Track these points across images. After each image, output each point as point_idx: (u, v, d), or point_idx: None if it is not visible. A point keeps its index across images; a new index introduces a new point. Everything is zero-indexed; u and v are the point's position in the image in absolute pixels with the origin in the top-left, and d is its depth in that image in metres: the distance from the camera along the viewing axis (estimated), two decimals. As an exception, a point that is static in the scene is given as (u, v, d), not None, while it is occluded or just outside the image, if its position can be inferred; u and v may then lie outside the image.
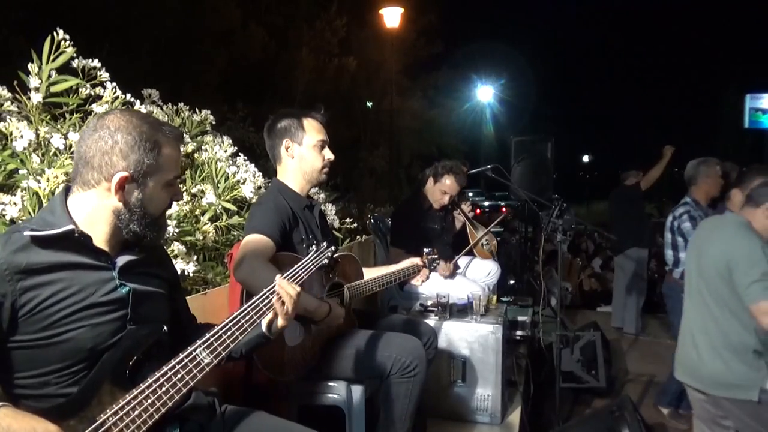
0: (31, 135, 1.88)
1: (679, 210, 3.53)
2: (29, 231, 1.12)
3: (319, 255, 1.60)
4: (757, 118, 12.59)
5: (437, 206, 3.61)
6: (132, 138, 1.18)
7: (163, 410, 1.10)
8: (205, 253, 2.59)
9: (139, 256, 1.27)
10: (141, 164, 1.19)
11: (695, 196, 3.55)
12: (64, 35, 2.10)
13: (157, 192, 1.24)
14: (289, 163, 2.14)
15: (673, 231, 3.54)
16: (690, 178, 3.58)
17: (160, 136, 1.22)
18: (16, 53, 1.97)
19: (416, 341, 2.01)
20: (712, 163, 3.57)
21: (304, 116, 2.14)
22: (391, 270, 2.33)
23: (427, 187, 3.62)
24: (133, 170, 1.19)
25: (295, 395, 2.07)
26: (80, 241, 1.17)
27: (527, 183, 4.90)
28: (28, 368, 1.12)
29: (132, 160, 1.18)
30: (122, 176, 1.18)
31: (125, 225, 1.22)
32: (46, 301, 1.11)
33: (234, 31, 12.04)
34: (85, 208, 1.20)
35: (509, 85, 23.03)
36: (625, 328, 5.48)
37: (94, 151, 1.18)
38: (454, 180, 3.53)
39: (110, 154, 1.17)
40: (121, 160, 1.18)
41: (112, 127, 1.18)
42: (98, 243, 1.21)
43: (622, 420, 2.48)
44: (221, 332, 1.24)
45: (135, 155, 1.18)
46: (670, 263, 3.61)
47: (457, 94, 18.96)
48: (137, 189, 1.21)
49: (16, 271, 1.08)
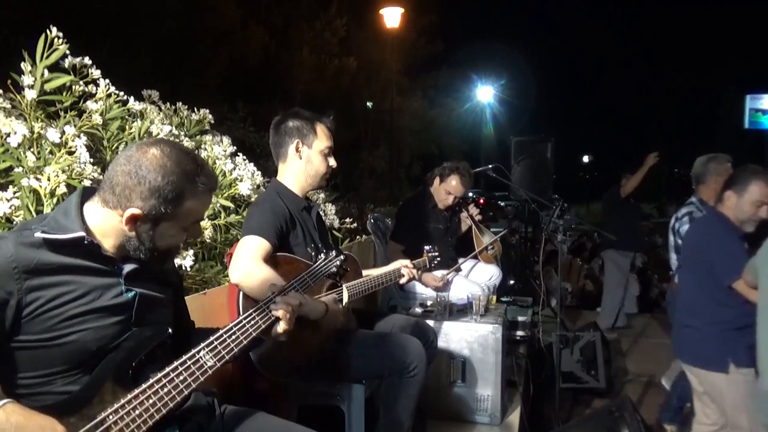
0: (24, 131, 1.87)
1: (682, 211, 3.27)
2: (41, 233, 1.12)
3: (328, 263, 1.61)
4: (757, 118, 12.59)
5: (442, 206, 3.60)
6: (157, 185, 1.16)
7: (163, 411, 1.11)
8: (204, 252, 2.59)
9: (145, 263, 1.27)
10: (156, 210, 1.18)
11: (703, 195, 3.22)
12: (57, 33, 2.09)
13: (169, 233, 1.24)
14: (296, 163, 2.14)
15: (675, 233, 3.29)
16: (698, 176, 3.24)
17: (188, 187, 1.20)
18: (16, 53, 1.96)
19: (416, 341, 2.01)
20: (722, 160, 3.20)
21: (317, 121, 2.16)
22: (379, 272, 2.32)
23: (433, 186, 3.62)
24: (147, 212, 1.18)
25: (295, 395, 2.07)
26: (89, 248, 1.17)
27: (527, 183, 4.90)
28: (31, 368, 1.12)
29: (149, 204, 1.17)
30: (134, 213, 1.17)
31: (132, 250, 1.22)
32: (52, 302, 1.11)
33: (234, 31, 12.03)
34: (98, 219, 1.21)
35: (509, 85, 23.03)
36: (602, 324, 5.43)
37: (120, 179, 1.17)
38: (460, 181, 3.51)
39: (132, 190, 1.17)
40: (138, 200, 1.17)
41: (144, 166, 1.16)
42: (106, 251, 1.21)
43: (621, 420, 2.47)
44: (226, 336, 1.24)
45: (154, 201, 1.17)
46: (674, 267, 3.30)
47: (457, 94, 18.97)
48: (149, 227, 1.20)
49: (24, 270, 1.09)
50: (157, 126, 2.47)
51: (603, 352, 3.92)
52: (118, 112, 2.33)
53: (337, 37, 13.84)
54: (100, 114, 2.22)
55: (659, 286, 7.50)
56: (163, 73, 9.83)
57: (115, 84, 2.34)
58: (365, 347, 2.00)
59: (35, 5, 8.03)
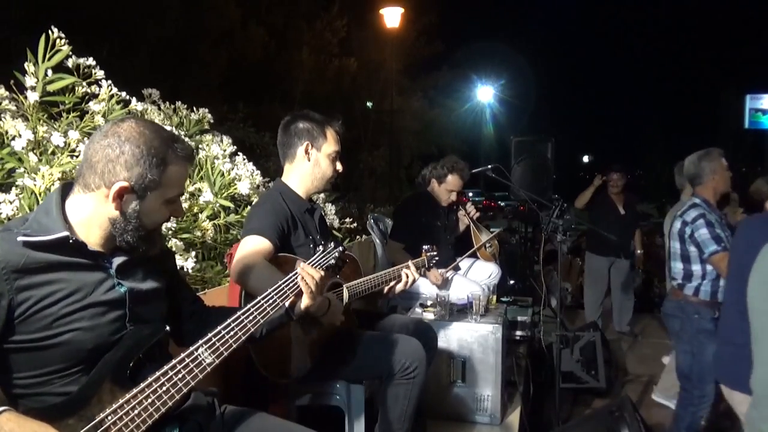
0: (29, 134, 1.87)
1: (692, 214, 2.88)
2: (22, 236, 1.11)
3: (326, 255, 1.60)
4: (757, 118, 12.60)
5: (446, 204, 3.69)
6: (140, 151, 1.17)
7: (162, 410, 1.10)
8: (204, 252, 2.59)
9: (136, 255, 1.27)
10: (143, 178, 1.18)
11: (704, 195, 2.96)
12: (59, 33, 2.09)
13: (155, 206, 1.23)
14: (303, 165, 2.14)
15: (684, 239, 2.91)
16: (693, 176, 3.01)
17: (169, 153, 1.21)
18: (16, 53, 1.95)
19: (417, 343, 2.01)
20: (715, 155, 2.96)
21: (327, 124, 2.17)
22: (378, 273, 2.32)
23: (431, 188, 3.66)
24: (134, 182, 1.18)
25: (295, 395, 2.07)
26: (75, 247, 1.16)
27: (527, 183, 4.90)
28: (28, 369, 1.11)
29: (135, 172, 1.18)
30: (122, 186, 1.17)
31: (119, 234, 1.21)
32: (43, 300, 1.10)
33: (234, 31, 12.03)
34: (82, 211, 1.20)
35: (509, 85, 23.04)
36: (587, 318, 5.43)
37: (100, 156, 1.17)
38: (458, 177, 3.63)
39: (115, 162, 1.17)
40: (124, 171, 1.17)
41: (123, 136, 1.18)
42: (93, 246, 1.20)
43: (621, 420, 2.47)
44: (223, 332, 1.24)
45: (139, 168, 1.18)
46: (679, 277, 2.95)
47: (458, 94, 18.96)
48: (136, 200, 1.20)
49: (13, 270, 1.08)
50: (159, 126, 2.47)
51: (603, 352, 3.92)
52: (119, 113, 2.33)
53: (337, 38, 13.83)
54: (102, 115, 2.22)
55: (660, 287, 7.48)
56: (162, 73, 9.81)
57: (115, 84, 2.34)
58: (366, 348, 1.99)
59: (35, 5, 8.02)
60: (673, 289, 3.02)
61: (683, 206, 3.02)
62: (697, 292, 2.84)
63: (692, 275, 2.88)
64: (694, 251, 2.86)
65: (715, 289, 2.81)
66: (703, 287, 2.83)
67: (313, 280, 1.45)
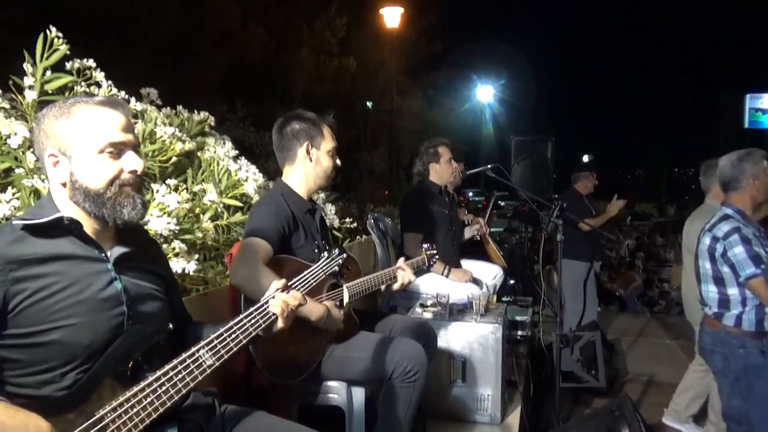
0: (25, 132, 1.87)
1: (723, 228, 2.42)
2: (18, 220, 1.14)
3: (330, 262, 1.60)
4: (757, 118, 12.62)
5: (452, 180, 3.77)
6: (50, 118, 1.20)
7: (161, 409, 1.10)
8: (206, 253, 2.59)
9: (133, 249, 1.26)
10: (59, 135, 1.18)
11: (737, 204, 2.48)
12: (57, 33, 2.09)
13: (87, 161, 1.18)
14: (305, 165, 2.14)
15: (715, 258, 2.46)
16: (728, 180, 2.51)
17: (77, 105, 1.20)
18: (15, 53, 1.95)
19: (418, 346, 2.00)
20: (758, 157, 2.48)
21: (322, 122, 2.17)
22: (375, 274, 2.31)
23: (433, 173, 3.66)
24: (53, 143, 1.19)
25: (295, 395, 2.06)
26: (70, 228, 1.17)
27: (527, 183, 4.89)
28: (26, 365, 1.10)
29: (52, 135, 1.19)
30: (48, 153, 1.19)
31: (84, 208, 1.19)
32: (39, 292, 1.10)
33: (234, 31, 12.04)
34: (58, 200, 1.22)
35: (509, 85, 23.10)
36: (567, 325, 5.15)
37: (36, 146, 1.22)
38: (445, 146, 3.68)
39: (38, 140, 1.20)
40: (45, 140, 1.19)
41: (39, 116, 1.22)
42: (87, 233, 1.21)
43: (622, 420, 2.47)
44: (225, 335, 1.23)
45: (53, 131, 1.19)
46: (714, 304, 2.49)
47: (457, 94, 19.02)
48: (67, 163, 1.19)
49: (7, 261, 1.08)
50: (161, 128, 2.47)
51: (603, 351, 3.92)
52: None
53: (337, 37, 13.85)
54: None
55: (660, 286, 7.50)
56: (162, 73, 9.81)
57: (115, 84, 2.34)
58: (367, 351, 1.98)
59: (35, 5, 8.02)
60: (707, 318, 2.57)
61: (713, 218, 2.55)
62: (740, 322, 2.40)
63: (730, 301, 2.44)
64: (728, 272, 2.43)
65: (761, 317, 2.38)
66: (746, 315, 2.39)
67: (288, 306, 1.37)
